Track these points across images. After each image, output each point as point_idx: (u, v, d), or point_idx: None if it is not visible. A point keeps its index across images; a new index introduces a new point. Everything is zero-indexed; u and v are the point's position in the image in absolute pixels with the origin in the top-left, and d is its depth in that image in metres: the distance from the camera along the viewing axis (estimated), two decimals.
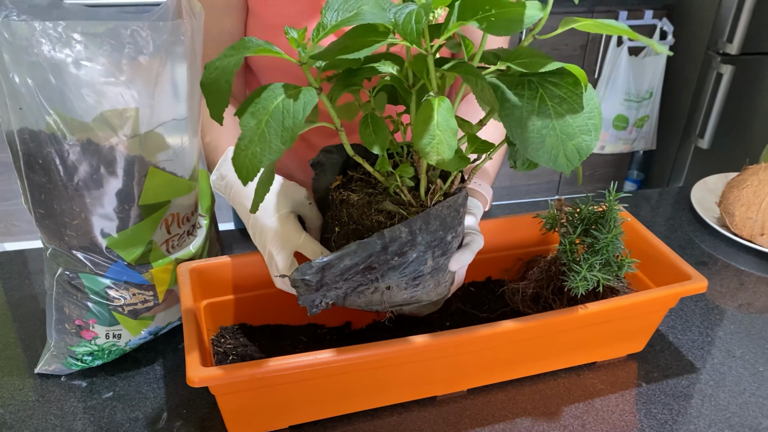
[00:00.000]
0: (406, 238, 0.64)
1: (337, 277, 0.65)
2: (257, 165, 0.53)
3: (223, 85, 0.54)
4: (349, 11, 0.54)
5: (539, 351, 0.85)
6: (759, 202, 1.11)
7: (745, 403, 0.86)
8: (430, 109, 0.55)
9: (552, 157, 0.56)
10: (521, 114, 0.56)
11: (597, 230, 0.81)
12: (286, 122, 0.52)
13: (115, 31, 0.66)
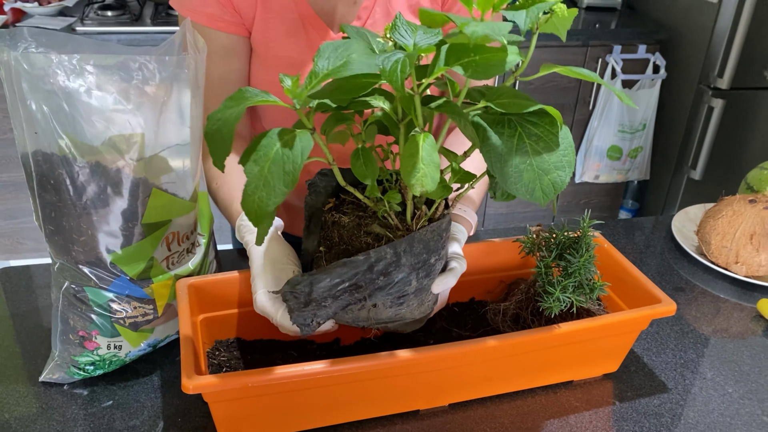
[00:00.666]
0: (391, 258, 0.70)
1: (326, 293, 0.70)
2: (265, 209, 0.58)
3: (225, 136, 0.59)
4: (340, 59, 0.59)
5: (518, 369, 0.90)
6: (733, 232, 1.16)
7: (713, 422, 0.91)
8: (415, 145, 0.61)
9: (529, 191, 0.62)
10: (501, 150, 0.61)
11: (571, 254, 0.86)
12: (287, 167, 0.58)
13: (124, 63, 0.72)
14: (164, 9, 2.43)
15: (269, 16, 0.98)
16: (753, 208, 1.16)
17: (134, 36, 2.32)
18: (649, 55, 2.77)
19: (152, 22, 2.38)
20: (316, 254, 0.81)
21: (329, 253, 0.76)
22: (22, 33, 0.78)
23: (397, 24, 0.63)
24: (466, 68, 0.58)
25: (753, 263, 1.16)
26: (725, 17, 2.54)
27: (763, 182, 1.29)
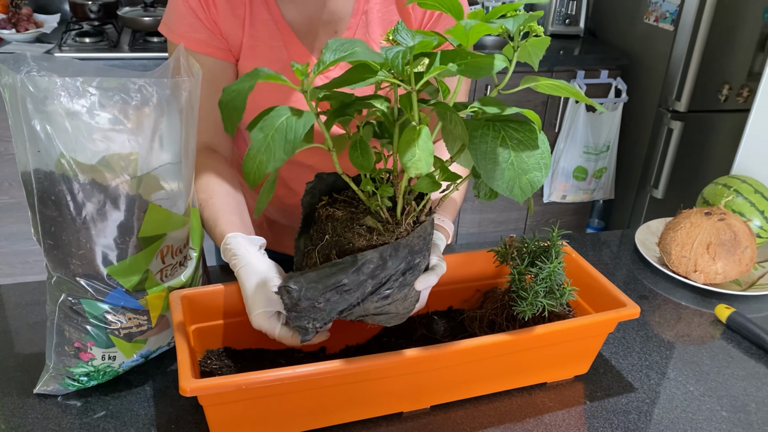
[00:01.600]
0: (377, 262, 0.75)
1: (319, 295, 0.75)
2: (263, 171, 0.64)
3: (238, 104, 0.66)
4: (345, 51, 0.66)
5: (495, 371, 0.95)
6: (691, 242, 1.24)
7: (677, 418, 0.97)
8: (413, 133, 0.67)
9: (509, 188, 0.69)
10: (486, 149, 0.68)
11: (542, 261, 0.92)
12: (289, 136, 0.64)
13: (124, 85, 0.77)
14: (141, 36, 2.47)
15: (255, 44, 1.04)
16: (709, 220, 1.24)
17: (112, 62, 2.36)
18: (611, 79, 2.89)
19: (130, 49, 2.42)
20: (307, 248, 0.85)
21: (322, 244, 0.80)
22: (26, 58, 0.82)
23: (399, 28, 0.71)
24: (460, 66, 0.65)
25: (710, 271, 1.24)
26: (681, 44, 2.67)
27: (717, 196, 1.38)
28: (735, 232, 1.23)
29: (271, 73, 0.66)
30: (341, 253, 0.79)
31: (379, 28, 1.06)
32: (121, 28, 2.59)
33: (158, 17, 2.46)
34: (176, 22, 1.04)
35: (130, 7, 2.53)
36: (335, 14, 1.05)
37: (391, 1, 1.06)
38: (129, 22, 2.46)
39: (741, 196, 1.35)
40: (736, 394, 1.03)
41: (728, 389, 1.03)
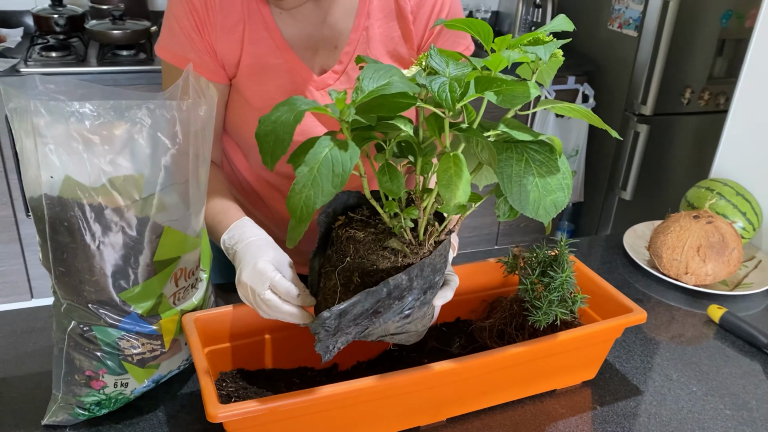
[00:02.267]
0: (405, 284, 0.75)
1: (350, 323, 0.75)
2: (311, 206, 0.63)
3: (283, 136, 0.65)
4: (383, 78, 0.66)
5: (509, 381, 0.96)
6: (682, 245, 1.28)
7: (684, 418, 1.00)
8: (449, 162, 0.68)
9: (534, 209, 0.70)
10: (512, 172, 0.69)
11: (553, 271, 0.94)
12: (336, 169, 0.63)
13: (140, 108, 0.76)
14: (110, 49, 2.42)
15: (254, 62, 1.03)
16: (697, 223, 1.28)
17: (81, 77, 2.30)
18: (578, 85, 2.96)
19: (99, 63, 2.37)
20: (324, 269, 0.85)
21: (343, 267, 0.80)
22: (33, 80, 0.80)
23: (432, 53, 0.71)
24: (497, 95, 0.66)
25: (701, 273, 1.27)
26: (645, 49, 2.75)
27: (701, 199, 1.42)
28: (723, 234, 1.27)
29: (311, 104, 0.66)
30: (364, 275, 0.79)
31: (380, 44, 1.07)
32: (87, 42, 2.54)
33: (127, 30, 2.41)
34: (168, 41, 1.03)
35: (97, 20, 2.47)
36: (335, 30, 1.05)
37: (392, 18, 1.07)
38: (97, 36, 2.41)
39: (724, 198, 1.39)
40: (737, 392, 1.06)
41: (728, 388, 1.07)
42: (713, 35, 2.77)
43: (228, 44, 1.02)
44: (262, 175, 1.16)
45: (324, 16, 1.04)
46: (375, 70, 0.68)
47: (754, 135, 1.48)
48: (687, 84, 2.84)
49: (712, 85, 2.88)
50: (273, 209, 1.21)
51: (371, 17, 1.05)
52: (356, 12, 1.05)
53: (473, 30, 0.71)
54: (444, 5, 1.07)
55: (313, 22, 1.04)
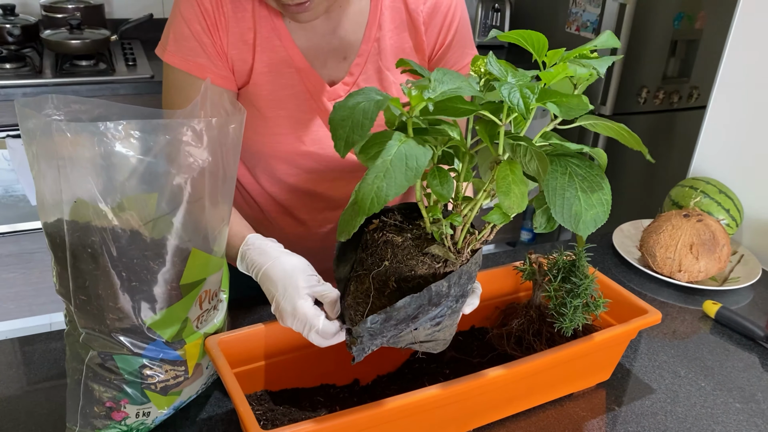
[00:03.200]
0: (445, 291, 0.75)
1: (392, 327, 0.74)
2: (382, 197, 0.62)
3: (361, 121, 0.63)
4: (453, 85, 0.66)
5: (534, 387, 0.97)
6: (675, 244, 1.31)
7: (698, 414, 1.02)
8: (506, 170, 0.67)
9: (575, 223, 0.70)
10: (556, 185, 0.69)
11: (575, 277, 0.95)
12: (410, 163, 0.62)
13: (170, 126, 0.73)
14: (68, 60, 2.33)
15: (266, 70, 1.01)
16: (688, 221, 1.32)
17: (39, 89, 2.20)
18: None
19: (56, 74, 2.27)
20: (355, 272, 0.83)
21: (379, 269, 0.79)
22: (47, 100, 0.76)
23: (490, 61, 0.70)
24: (559, 106, 0.66)
25: (694, 270, 1.31)
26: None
27: (686, 198, 1.47)
28: (713, 231, 1.31)
29: (386, 95, 0.65)
30: (401, 280, 0.78)
31: (392, 55, 1.06)
32: (42, 51, 2.43)
33: (86, 39, 2.32)
34: (177, 46, 0.99)
35: (52, 30, 2.37)
36: (344, 41, 1.04)
37: (404, 29, 1.06)
38: (53, 46, 2.31)
39: (708, 196, 1.44)
40: (742, 385, 1.09)
41: (734, 381, 1.10)
42: (666, 36, 2.87)
43: (240, 51, 0.99)
44: (268, 190, 1.14)
45: (334, 27, 1.03)
46: (444, 73, 0.67)
47: (731, 134, 1.54)
48: (643, 84, 2.93)
49: (666, 85, 2.98)
50: (276, 225, 1.19)
51: (383, 29, 1.04)
52: (367, 23, 1.04)
53: (528, 41, 0.71)
54: (455, 17, 1.07)
55: (323, 32, 1.02)
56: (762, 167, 1.47)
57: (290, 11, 0.92)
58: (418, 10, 1.05)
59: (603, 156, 0.72)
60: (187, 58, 0.98)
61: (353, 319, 0.78)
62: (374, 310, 0.75)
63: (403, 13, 1.05)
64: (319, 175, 1.11)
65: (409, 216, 0.87)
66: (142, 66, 2.43)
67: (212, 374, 0.95)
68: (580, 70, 0.69)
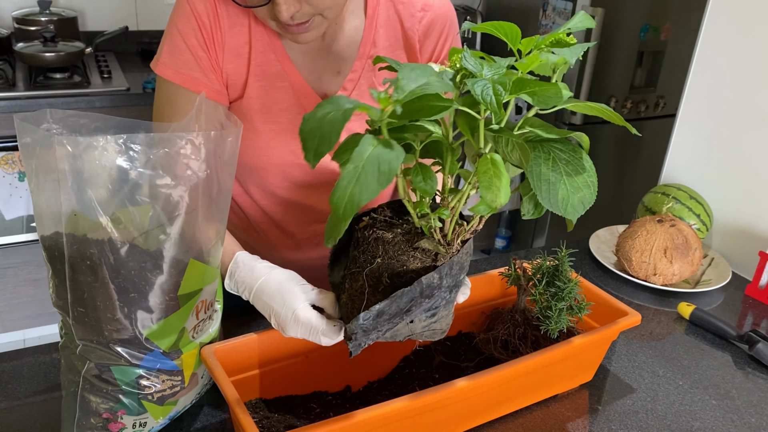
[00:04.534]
0: (436, 282, 0.77)
1: (385, 322, 0.76)
2: (355, 203, 0.62)
3: (328, 133, 0.63)
4: (420, 82, 0.66)
5: (521, 389, 1.00)
6: (650, 248, 1.36)
7: (678, 411, 1.06)
8: (487, 164, 0.70)
9: (563, 207, 0.73)
10: (540, 171, 0.72)
11: (559, 281, 0.98)
12: (383, 167, 0.62)
13: (170, 140, 0.74)
14: (41, 72, 2.31)
15: (261, 84, 1.02)
16: (662, 226, 1.37)
17: (12, 103, 2.18)
18: None
19: (29, 87, 2.25)
20: (349, 270, 0.85)
21: (372, 266, 0.80)
22: (45, 115, 0.77)
23: (465, 56, 0.73)
24: (532, 96, 0.69)
25: (668, 273, 1.36)
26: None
27: (659, 203, 1.52)
28: (685, 236, 1.36)
29: (355, 102, 0.66)
30: (394, 275, 0.80)
31: (386, 72, 1.08)
32: (14, 63, 2.41)
33: (61, 52, 2.31)
34: (171, 59, 1.00)
35: (25, 42, 2.35)
36: (339, 56, 1.06)
37: (399, 47, 1.08)
38: (27, 58, 2.29)
39: (679, 202, 1.49)
40: (718, 382, 1.14)
41: (710, 379, 1.15)
42: (633, 48, 2.95)
43: (235, 65, 1.01)
44: (258, 202, 1.15)
45: (329, 44, 1.05)
46: (412, 69, 0.68)
47: (700, 141, 1.60)
48: (611, 93, 3.01)
49: (633, 94, 3.06)
50: (265, 237, 1.20)
51: (377, 46, 1.07)
52: (361, 40, 1.06)
53: (501, 31, 0.73)
54: (449, 36, 1.11)
55: (318, 47, 1.05)
56: (730, 173, 1.53)
57: (291, 32, 0.94)
58: (413, 29, 1.08)
59: (585, 139, 0.75)
60: (181, 71, 1.00)
61: (348, 316, 0.80)
62: (369, 307, 0.78)
63: (398, 31, 1.08)
64: (310, 188, 1.13)
65: (399, 211, 0.89)
66: (117, 78, 2.42)
67: (206, 384, 0.96)
68: (552, 58, 0.72)
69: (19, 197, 2.27)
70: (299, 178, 1.11)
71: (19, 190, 2.26)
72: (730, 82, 1.52)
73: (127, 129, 0.79)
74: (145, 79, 2.42)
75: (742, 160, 1.50)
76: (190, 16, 0.97)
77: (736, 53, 1.49)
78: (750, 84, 1.48)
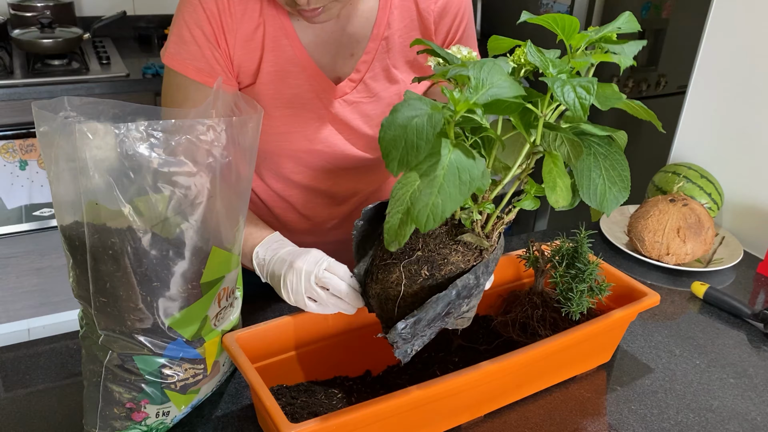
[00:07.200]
0: (473, 283, 0.77)
1: (425, 328, 0.76)
2: (439, 214, 0.61)
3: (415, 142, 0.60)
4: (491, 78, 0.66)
5: (541, 371, 1.00)
6: (662, 228, 1.36)
7: (696, 390, 1.06)
8: (550, 164, 0.69)
9: (600, 201, 0.73)
10: (582, 165, 0.71)
11: (580, 262, 0.98)
12: (463, 176, 0.61)
13: (192, 127, 0.73)
14: (39, 59, 2.28)
15: (273, 69, 1.01)
16: (674, 206, 1.37)
17: (11, 90, 2.15)
18: None
19: (26, 74, 2.22)
20: (383, 261, 0.83)
21: (410, 259, 0.79)
22: (62, 102, 0.75)
23: (530, 51, 0.71)
24: (597, 98, 0.68)
25: (681, 253, 1.36)
26: None
27: (669, 183, 1.51)
28: (698, 215, 1.36)
29: (430, 103, 0.64)
30: (433, 268, 0.79)
31: (400, 54, 1.07)
32: (11, 50, 2.37)
33: (58, 38, 2.28)
34: (177, 49, 0.99)
35: (21, 29, 2.32)
36: (353, 38, 1.04)
37: (414, 27, 1.07)
38: (24, 45, 2.26)
39: (690, 181, 1.49)
40: (734, 361, 1.14)
41: (726, 358, 1.15)
42: None
43: (247, 51, 0.99)
44: (272, 187, 1.14)
45: (343, 25, 1.03)
46: (481, 68, 0.67)
47: (709, 120, 1.59)
48: (613, 73, 2.99)
49: (635, 73, 3.04)
50: (280, 218, 1.19)
51: (392, 27, 1.05)
52: (375, 21, 1.04)
53: (558, 25, 0.72)
54: (464, 17, 1.09)
55: (331, 29, 1.03)
56: (740, 151, 1.53)
57: (305, 15, 0.93)
58: (428, 10, 1.06)
59: (624, 136, 0.75)
60: (186, 62, 0.98)
61: (382, 308, 0.80)
62: (406, 299, 0.77)
63: (413, 12, 1.06)
64: (324, 173, 1.12)
65: None
66: (116, 64, 2.39)
67: (226, 372, 0.95)
68: (615, 57, 0.71)
69: (20, 186, 2.25)
70: (313, 163, 1.10)
71: (20, 179, 2.24)
72: (740, 59, 1.51)
73: (145, 115, 0.78)
74: (145, 64, 2.39)
75: (753, 137, 1.50)
76: (197, 6, 0.96)
77: (746, 31, 1.48)
78: (760, 61, 1.47)
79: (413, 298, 0.80)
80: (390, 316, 0.83)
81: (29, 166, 2.24)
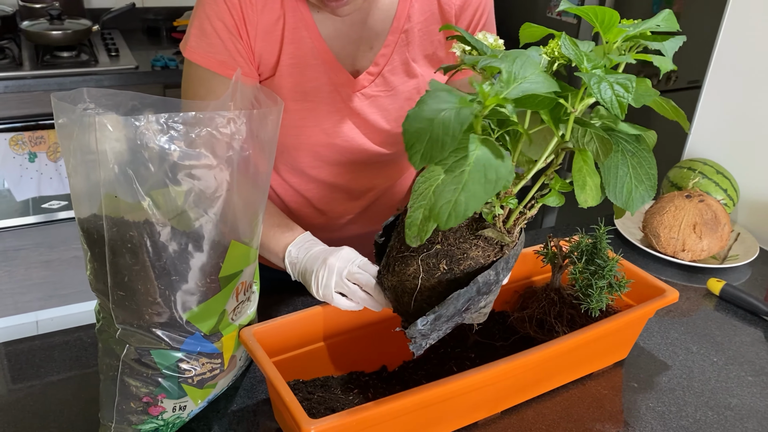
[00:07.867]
0: (493, 279, 0.76)
1: (443, 324, 0.75)
2: (462, 212, 0.59)
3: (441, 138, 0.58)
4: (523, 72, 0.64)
5: (559, 368, 0.99)
6: (678, 224, 1.35)
7: (714, 388, 1.06)
8: (580, 162, 0.68)
9: (626, 199, 0.72)
10: (610, 163, 0.70)
11: (599, 259, 0.97)
12: (489, 175, 0.59)
13: (212, 119, 0.72)
14: (48, 51, 2.27)
15: (292, 62, 1.00)
16: (690, 202, 1.35)
17: (20, 82, 2.15)
18: None
19: (36, 66, 2.22)
20: (400, 253, 0.82)
21: (429, 252, 0.78)
22: (81, 94, 0.74)
23: (565, 43, 0.70)
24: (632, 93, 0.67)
25: (697, 249, 1.35)
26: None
27: (684, 179, 1.50)
28: (714, 211, 1.35)
29: (457, 95, 0.62)
30: (453, 262, 0.78)
31: (419, 47, 1.06)
32: (20, 43, 2.37)
33: (68, 30, 2.27)
34: (198, 42, 0.98)
35: (30, 21, 2.31)
36: (372, 30, 1.03)
37: (435, 20, 1.06)
38: (33, 37, 2.25)
39: (705, 177, 1.48)
40: (752, 358, 1.13)
41: (744, 355, 1.14)
42: None
43: (267, 43, 0.98)
44: (289, 182, 1.13)
45: (364, 18, 1.02)
46: (513, 61, 0.65)
47: (725, 115, 1.57)
48: None
49: (645, 68, 3.02)
50: (294, 213, 1.18)
51: (412, 20, 1.04)
52: (395, 14, 1.03)
53: (597, 18, 0.71)
54: (485, 11, 1.08)
55: (351, 22, 1.02)
56: (756, 147, 1.51)
57: (330, 6, 0.92)
58: (450, 3, 1.05)
59: (654, 136, 0.74)
60: (208, 55, 0.97)
61: (399, 300, 0.79)
62: (423, 293, 0.76)
63: (434, 5, 1.05)
64: (341, 167, 1.11)
65: None
66: (125, 56, 2.39)
67: (242, 366, 0.95)
68: (656, 60, 0.70)
69: (29, 178, 2.24)
70: (330, 157, 1.09)
71: (29, 171, 2.24)
72: (757, 54, 1.49)
73: (164, 107, 0.77)
74: (153, 56, 2.38)
75: None
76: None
77: (764, 25, 1.46)
78: None
79: (430, 292, 0.79)
80: (406, 309, 0.82)
81: (38, 159, 2.23)
